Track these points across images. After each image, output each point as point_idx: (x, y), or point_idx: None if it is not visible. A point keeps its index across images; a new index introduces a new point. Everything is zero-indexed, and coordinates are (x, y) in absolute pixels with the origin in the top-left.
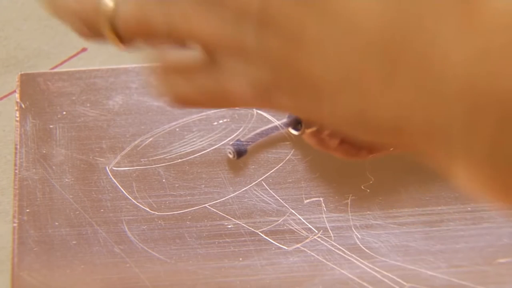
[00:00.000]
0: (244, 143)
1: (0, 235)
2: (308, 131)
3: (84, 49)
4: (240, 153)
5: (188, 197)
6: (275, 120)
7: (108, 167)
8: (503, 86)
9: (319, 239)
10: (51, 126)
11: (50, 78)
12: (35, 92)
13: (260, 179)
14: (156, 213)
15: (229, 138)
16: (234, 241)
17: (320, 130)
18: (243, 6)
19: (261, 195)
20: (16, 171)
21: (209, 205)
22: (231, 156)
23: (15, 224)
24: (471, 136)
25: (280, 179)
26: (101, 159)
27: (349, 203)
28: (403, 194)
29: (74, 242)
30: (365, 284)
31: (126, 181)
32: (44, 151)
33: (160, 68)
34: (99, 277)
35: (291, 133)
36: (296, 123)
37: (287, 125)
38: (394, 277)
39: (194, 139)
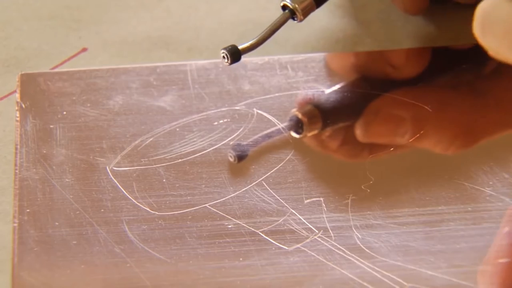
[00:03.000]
0: (246, 146)
1: (0, 235)
2: (310, 134)
3: (84, 49)
4: (241, 157)
5: (189, 197)
6: (278, 123)
7: (109, 167)
8: None
9: (319, 239)
10: (51, 126)
11: (51, 78)
12: (35, 92)
13: (261, 179)
14: (156, 213)
15: (229, 138)
16: (235, 241)
17: (321, 132)
18: None
19: (262, 195)
20: (17, 171)
21: (209, 205)
22: (232, 159)
23: (15, 224)
24: None
25: (280, 179)
26: (102, 159)
27: (349, 203)
28: (403, 194)
29: (74, 242)
30: (365, 284)
31: (127, 181)
32: (45, 151)
33: None
34: (99, 277)
35: (292, 135)
36: (298, 126)
37: (289, 128)
38: (395, 277)
39: (195, 139)
